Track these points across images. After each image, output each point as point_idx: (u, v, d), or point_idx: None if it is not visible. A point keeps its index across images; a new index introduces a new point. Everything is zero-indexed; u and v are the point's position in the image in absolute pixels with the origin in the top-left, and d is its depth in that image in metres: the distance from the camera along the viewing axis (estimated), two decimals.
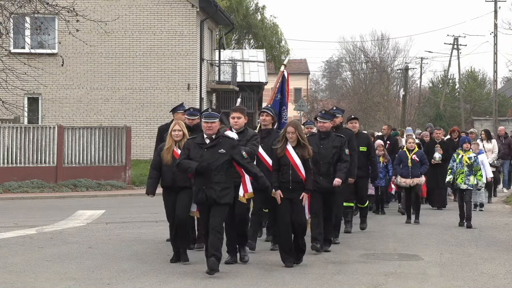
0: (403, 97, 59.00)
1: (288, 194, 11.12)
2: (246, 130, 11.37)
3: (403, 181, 16.70)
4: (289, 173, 11.14)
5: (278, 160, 11.26)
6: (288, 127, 11.31)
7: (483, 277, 10.54)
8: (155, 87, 30.95)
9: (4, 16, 20.37)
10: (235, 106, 11.86)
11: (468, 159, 15.93)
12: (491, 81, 61.40)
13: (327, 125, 12.54)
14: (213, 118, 10.42)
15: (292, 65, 67.49)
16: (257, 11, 53.07)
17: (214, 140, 10.40)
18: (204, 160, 10.25)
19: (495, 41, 49.76)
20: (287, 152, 11.20)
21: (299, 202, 11.12)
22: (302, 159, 11.16)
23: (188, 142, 10.57)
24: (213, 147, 10.34)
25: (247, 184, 11.04)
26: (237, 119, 11.43)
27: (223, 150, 10.32)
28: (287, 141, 11.23)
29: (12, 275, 10.34)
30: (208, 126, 10.41)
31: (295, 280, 10.07)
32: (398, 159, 17.09)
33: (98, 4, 30.37)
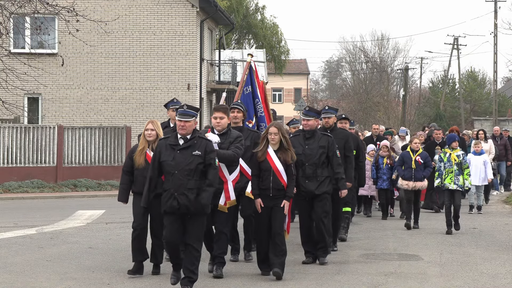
0: (403, 97, 59.00)
1: (269, 201, 10.24)
2: (229, 132, 10.34)
3: (405, 184, 15.74)
4: (269, 180, 10.22)
5: (258, 165, 10.29)
6: (270, 127, 10.37)
7: (483, 277, 10.54)
8: (155, 87, 30.94)
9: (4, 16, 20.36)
10: (218, 105, 10.69)
11: (456, 157, 14.99)
12: (491, 81, 61.40)
13: (311, 123, 11.34)
14: (188, 116, 9.26)
15: (292, 65, 67.58)
16: (257, 11, 53.06)
17: (189, 141, 9.24)
18: (177, 162, 9.15)
19: (495, 41, 49.77)
20: (268, 157, 10.27)
21: (280, 211, 10.22)
22: (285, 164, 10.24)
23: (160, 142, 9.43)
24: (186, 149, 9.20)
25: (230, 191, 10.20)
26: (219, 119, 10.36)
27: (198, 152, 9.19)
28: (268, 144, 10.30)
29: (12, 275, 10.34)
30: (181, 125, 9.24)
31: (295, 280, 10.07)
32: (400, 160, 16.12)
33: (98, 4, 30.36)
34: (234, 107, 11.09)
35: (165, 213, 9.21)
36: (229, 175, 10.24)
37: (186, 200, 9.08)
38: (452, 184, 14.94)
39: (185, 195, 9.08)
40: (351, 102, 61.08)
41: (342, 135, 12.40)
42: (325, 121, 12.44)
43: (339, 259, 11.77)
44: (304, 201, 11.23)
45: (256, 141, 10.75)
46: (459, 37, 59.91)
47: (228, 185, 10.20)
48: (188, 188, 9.09)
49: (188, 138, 9.25)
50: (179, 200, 9.08)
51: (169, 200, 9.13)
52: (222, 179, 10.06)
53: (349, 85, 70.89)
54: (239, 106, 11.17)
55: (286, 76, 63.45)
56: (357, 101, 60.48)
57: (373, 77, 66.42)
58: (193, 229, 9.16)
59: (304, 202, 11.25)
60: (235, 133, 10.41)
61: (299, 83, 77.31)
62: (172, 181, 9.12)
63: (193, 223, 9.17)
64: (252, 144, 10.80)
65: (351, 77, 72.50)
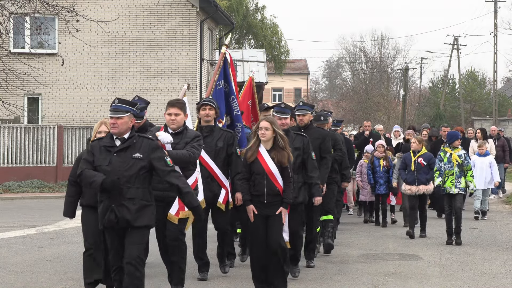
0: (403, 97, 59.01)
1: (263, 209, 8.85)
2: (185, 131, 8.99)
3: (408, 189, 14.41)
4: (263, 184, 8.83)
5: (248, 167, 8.91)
6: (261, 122, 8.98)
7: (483, 277, 10.54)
8: (155, 87, 30.94)
9: (4, 16, 20.36)
10: (173, 100, 9.26)
11: (458, 158, 13.54)
12: (491, 81, 61.38)
13: (288, 121, 10.03)
14: (119, 112, 7.70)
15: (292, 65, 67.57)
16: (257, 11, 53.04)
17: (127, 141, 7.71)
18: (114, 167, 7.61)
19: (495, 41, 49.79)
20: (260, 157, 8.85)
21: (276, 220, 8.86)
22: (280, 166, 8.86)
23: (93, 144, 7.88)
24: (124, 151, 7.68)
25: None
26: (174, 116, 8.95)
27: (139, 154, 7.67)
28: (259, 142, 8.93)
29: (12, 275, 10.34)
30: (112, 123, 7.71)
31: (295, 280, 10.06)
32: (402, 162, 14.71)
33: (98, 4, 30.36)
34: (206, 104, 9.88)
35: (104, 229, 7.78)
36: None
37: (126, 212, 7.59)
38: (453, 188, 13.49)
39: (125, 207, 7.58)
40: (351, 102, 61.14)
41: (318, 134, 10.90)
42: (299, 119, 10.91)
43: (339, 259, 11.77)
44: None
45: (230, 142, 9.82)
46: (459, 37, 59.93)
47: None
48: (128, 198, 7.58)
49: (126, 138, 7.74)
50: (116, 212, 7.60)
51: (106, 214, 7.64)
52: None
53: (349, 85, 70.92)
54: (211, 103, 9.93)
55: (286, 76, 63.44)
56: (357, 101, 60.52)
57: (373, 77, 66.44)
58: (132, 245, 7.64)
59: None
60: (193, 132, 9.11)
61: (299, 83, 77.31)
62: (108, 192, 7.64)
63: (132, 238, 7.66)
64: (225, 145, 9.82)
65: (351, 77, 72.55)
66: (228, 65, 11.31)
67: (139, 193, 7.64)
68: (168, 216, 8.87)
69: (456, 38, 59.84)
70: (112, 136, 7.77)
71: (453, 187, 13.49)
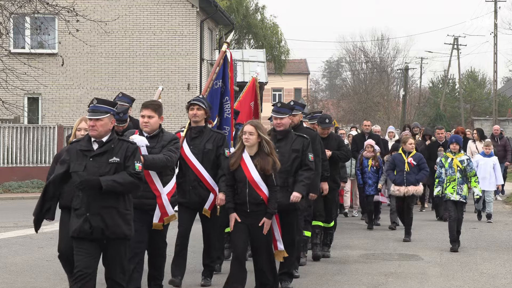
0: (403, 97, 58.99)
1: (246, 219, 8.45)
2: (161, 134, 8.54)
3: (397, 189, 14.04)
4: (245, 192, 8.39)
5: (232, 174, 8.49)
6: (245, 126, 8.50)
7: (483, 277, 10.54)
8: (155, 87, 30.82)
9: (4, 16, 20.36)
10: (147, 101, 8.78)
11: (459, 163, 12.87)
12: (491, 81, 61.39)
13: (285, 121, 9.49)
14: (99, 113, 7.17)
15: (292, 65, 67.54)
16: (257, 11, 53.04)
17: (105, 145, 7.17)
18: (89, 173, 7.06)
19: (495, 41, 49.77)
20: (243, 164, 8.39)
21: (259, 230, 8.42)
22: (263, 174, 8.37)
23: (70, 147, 7.34)
24: (101, 156, 7.14)
25: (166, 206, 8.52)
26: (147, 118, 8.52)
27: (116, 158, 7.12)
28: (244, 148, 8.45)
29: (12, 275, 10.34)
30: (90, 126, 7.19)
31: (295, 280, 10.06)
32: (391, 163, 14.31)
33: (98, 4, 30.35)
34: (194, 103, 9.36)
35: (74, 239, 7.16)
36: (163, 187, 8.52)
37: (100, 221, 7.04)
38: (455, 195, 12.84)
39: (100, 216, 7.03)
40: (351, 102, 61.11)
41: (308, 135, 10.17)
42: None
43: (339, 259, 11.77)
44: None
45: (220, 144, 9.36)
46: (459, 37, 59.91)
47: (162, 200, 8.49)
48: (103, 206, 7.04)
49: (104, 141, 7.18)
50: (91, 222, 7.04)
51: (79, 223, 7.07)
52: (154, 192, 8.43)
53: (349, 85, 70.94)
54: (200, 102, 9.37)
55: (286, 76, 63.39)
56: (357, 101, 60.50)
57: (373, 77, 66.45)
58: (113, 259, 7.15)
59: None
60: (169, 135, 8.62)
61: (299, 83, 77.28)
62: (84, 198, 7.07)
63: (111, 251, 7.15)
64: (215, 148, 9.33)
65: (351, 77, 72.58)
66: (228, 65, 10.72)
67: (116, 201, 7.11)
68: (153, 226, 8.51)
69: (456, 38, 59.83)
70: (90, 138, 7.22)
71: (455, 194, 12.83)
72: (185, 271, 9.50)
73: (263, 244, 8.49)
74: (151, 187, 8.37)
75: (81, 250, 7.09)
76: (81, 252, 7.09)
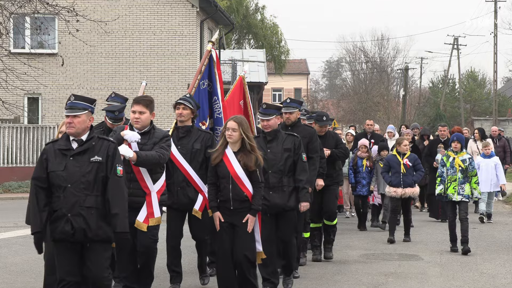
0: (403, 97, 59.00)
1: (229, 217, 8.20)
2: (152, 130, 8.32)
3: (393, 191, 13.79)
4: (228, 189, 8.15)
5: (214, 170, 8.27)
6: (228, 122, 8.30)
7: (483, 277, 10.54)
8: (155, 87, 30.94)
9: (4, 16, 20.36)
10: (138, 97, 8.51)
11: (461, 162, 12.52)
12: (491, 81, 61.44)
13: (272, 122, 9.23)
14: (76, 109, 6.95)
15: (292, 65, 67.60)
16: (257, 11, 53.08)
17: (85, 144, 6.91)
18: (69, 173, 6.81)
19: (495, 41, 49.80)
20: (226, 159, 8.20)
21: (243, 229, 8.18)
22: (247, 170, 8.21)
23: (47, 148, 7.02)
24: (82, 154, 6.88)
25: (154, 206, 8.21)
26: (138, 114, 8.27)
27: (97, 157, 6.87)
28: (226, 144, 8.28)
29: (12, 275, 10.34)
30: (68, 123, 6.93)
31: (295, 280, 10.06)
32: (386, 165, 14.06)
33: (98, 4, 30.36)
34: (180, 103, 9.13)
35: (55, 242, 6.92)
36: (153, 184, 8.25)
37: (83, 222, 6.78)
38: (456, 195, 12.48)
39: (82, 217, 6.78)
40: (351, 102, 61.11)
41: (305, 133, 10.09)
42: (286, 116, 10.20)
43: (339, 259, 11.77)
44: (264, 216, 8.92)
45: (208, 144, 9.10)
46: (459, 37, 59.95)
47: (151, 198, 8.20)
48: (85, 206, 6.79)
49: (84, 139, 6.93)
50: (73, 223, 6.78)
51: (60, 224, 6.80)
52: (144, 190, 8.17)
53: (349, 85, 70.92)
54: (185, 102, 9.13)
55: (286, 76, 63.46)
56: (357, 101, 60.49)
57: (373, 77, 66.45)
58: (95, 262, 6.84)
59: (266, 218, 8.98)
60: (161, 131, 8.42)
61: (299, 83, 77.32)
62: (64, 198, 6.80)
63: (93, 254, 6.85)
64: (203, 147, 9.09)
65: (351, 77, 72.57)
66: (214, 64, 10.38)
67: (99, 201, 6.83)
68: (135, 223, 8.08)
69: (456, 38, 59.86)
70: (68, 137, 6.94)
71: (456, 194, 12.47)
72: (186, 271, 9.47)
73: (245, 243, 8.19)
74: (141, 184, 8.14)
75: (63, 255, 6.86)
76: (63, 257, 6.86)
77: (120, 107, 9.79)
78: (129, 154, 7.85)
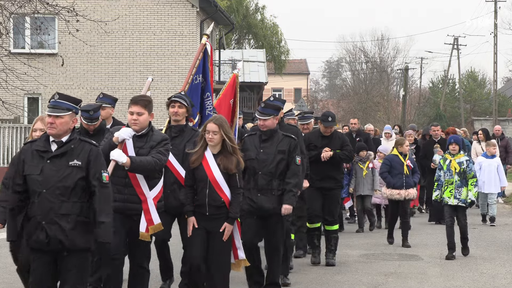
0: (403, 97, 59.04)
1: (204, 222, 7.77)
2: (150, 132, 7.67)
3: (396, 193, 13.36)
4: (205, 193, 7.75)
5: (192, 173, 7.87)
6: (208, 124, 7.86)
7: (483, 277, 10.54)
8: (155, 87, 30.91)
9: (4, 16, 20.36)
10: (136, 96, 7.83)
11: (457, 165, 11.99)
12: (491, 81, 61.41)
13: (268, 123, 8.86)
14: (59, 109, 6.39)
15: (292, 65, 67.60)
16: (257, 11, 53.09)
17: (64, 146, 6.39)
18: (46, 177, 6.32)
19: (495, 41, 49.79)
20: (205, 162, 7.80)
21: (218, 236, 7.75)
22: (226, 173, 7.81)
23: (24, 148, 6.59)
24: (60, 157, 6.36)
25: (152, 213, 7.61)
26: (136, 115, 7.61)
27: (77, 161, 6.35)
28: (206, 146, 7.87)
29: (12, 275, 10.33)
30: (49, 123, 6.42)
31: (295, 280, 10.06)
32: (387, 165, 13.58)
33: (98, 4, 30.36)
34: (175, 101, 8.63)
35: (32, 251, 6.46)
36: (149, 190, 7.64)
37: (58, 231, 6.27)
38: (452, 199, 11.95)
39: (57, 225, 6.26)
40: (351, 102, 61.16)
41: (290, 133, 9.48)
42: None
43: (339, 259, 11.76)
44: (251, 219, 8.71)
45: None
46: (459, 37, 59.96)
47: (148, 205, 7.59)
48: (61, 214, 6.28)
49: (64, 141, 6.41)
50: (48, 231, 6.28)
51: (35, 232, 6.33)
52: (140, 196, 7.57)
53: (349, 85, 70.96)
54: (181, 99, 8.66)
55: (286, 76, 63.48)
56: (357, 101, 60.54)
57: (373, 77, 66.48)
58: (70, 273, 6.35)
59: (252, 220, 8.71)
60: (159, 134, 7.77)
61: (299, 83, 77.30)
62: (39, 204, 6.31)
63: (70, 264, 6.35)
64: None
65: (351, 77, 72.59)
66: (208, 58, 9.82)
67: (76, 208, 6.32)
68: (140, 236, 7.54)
69: (456, 38, 59.87)
70: (48, 138, 6.44)
71: (452, 198, 11.94)
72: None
73: (219, 252, 7.76)
74: (137, 190, 7.54)
75: (37, 265, 6.39)
76: (37, 269, 6.40)
77: (95, 106, 9.32)
78: (122, 160, 7.28)
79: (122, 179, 7.51)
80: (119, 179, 7.48)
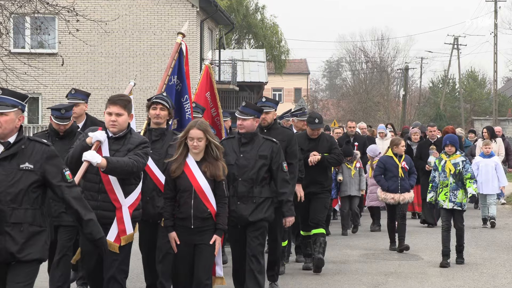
0: (403, 97, 59.08)
1: (190, 237, 7.13)
2: (129, 135, 7.04)
3: (391, 197, 12.55)
4: (189, 204, 7.07)
5: (173, 183, 7.17)
6: (191, 129, 7.12)
7: (483, 277, 10.54)
8: (155, 87, 30.86)
9: (4, 16, 20.36)
10: (114, 95, 7.20)
11: (452, 167, 11.25)
12: (491, 81, 61.45)
13: (247, 123, 8.20)
14: (4, 106, 5.70)
15: (292, 65, 67.58)
16: (257, 11, 53.08)
17: (12, 147, 5.72)
18: None
19: (495, 41, 49.81)
20: (188, 170, 7.10)
21: (206, 250, 7.11)
22: (213, 181, 7.14)
23: None
24: (9, 160, 5.69)
25: (125, 222, 6.94)
26: (115, 116, 6.96)
27: (28, 164, 5.69)
28: (187, 152, 7.16)
29: None
30: None
31: (295, 280, 10.07)
32: (381, 167, 12.79)
33: (98, 4, 30.38)
34: (157, 102, 8.03)
35: None
36: (124, 198, 6.95)
37: (9, 241, 5.65)
38: (447, 202, 11.23)
39: (8, 234, 5.63)
40: (351, 102, 61.21)
41: (283, 136, 9.15)
42: (261, 117, 8.85)
43: (339, 259, 11.77)
44: (235, 228, 8.16)
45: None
46: (459, 37, 60.00)
47: (122, 213, 6.91)
48: (12, 223, 5.63)
49: (12, 142, 5.73)
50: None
51: None
52: (113, 203, 6.90)
53: (349, 85, 71.00)
54: (163, 101, 8.04)
55: (286, 76, 63.48)
56: (357, 101, 60.58)
57: (373, 77, 66.51)
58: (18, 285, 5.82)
59: (235, 230, 8.19)
60: (138, 137, 7.12)
61: (299, 83, 77.32)
62: None
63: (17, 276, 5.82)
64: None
65: (351, 77, 72.63)
66: (183, 58, 9.23)
67: (28, 216, 5.68)
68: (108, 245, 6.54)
69: (456, 38, 59.91)
70: None
71: (447, 201, 11.23)
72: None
73: (203, 268, 7.09)
74: (111, 197, 6.88)
75: None
76: None
77: (66, 106, 8.71)
78: (96, 160, 6.65)
79: (95, 184, 6.93)
80: (92, 184, 6.93)
